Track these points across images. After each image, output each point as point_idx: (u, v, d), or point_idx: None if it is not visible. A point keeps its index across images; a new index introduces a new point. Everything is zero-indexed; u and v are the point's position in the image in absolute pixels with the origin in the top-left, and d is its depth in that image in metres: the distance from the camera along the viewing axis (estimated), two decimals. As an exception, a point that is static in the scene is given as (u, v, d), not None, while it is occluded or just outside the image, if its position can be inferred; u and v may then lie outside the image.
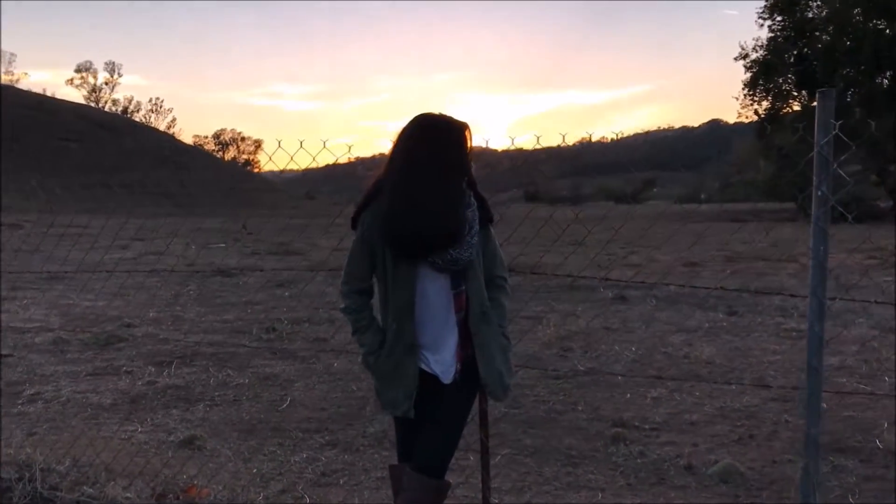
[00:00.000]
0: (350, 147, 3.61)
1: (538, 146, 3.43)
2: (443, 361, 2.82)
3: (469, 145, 2.73)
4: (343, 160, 3.95)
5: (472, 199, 2.79)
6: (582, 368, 7.05)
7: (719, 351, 7.69)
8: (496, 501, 4.17)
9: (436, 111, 2.76)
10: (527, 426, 5.49)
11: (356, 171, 3.82)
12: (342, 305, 2.90)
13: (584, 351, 7.76)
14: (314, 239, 20.24)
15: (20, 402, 5.97)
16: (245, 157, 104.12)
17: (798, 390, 4.64)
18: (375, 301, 2.91)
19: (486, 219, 2.83)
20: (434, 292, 2.77)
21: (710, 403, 5.90)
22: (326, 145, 3.33)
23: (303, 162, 3.55)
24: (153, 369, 7.06)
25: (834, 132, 2.42)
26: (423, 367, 2.83)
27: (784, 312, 9.70)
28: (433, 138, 2.70)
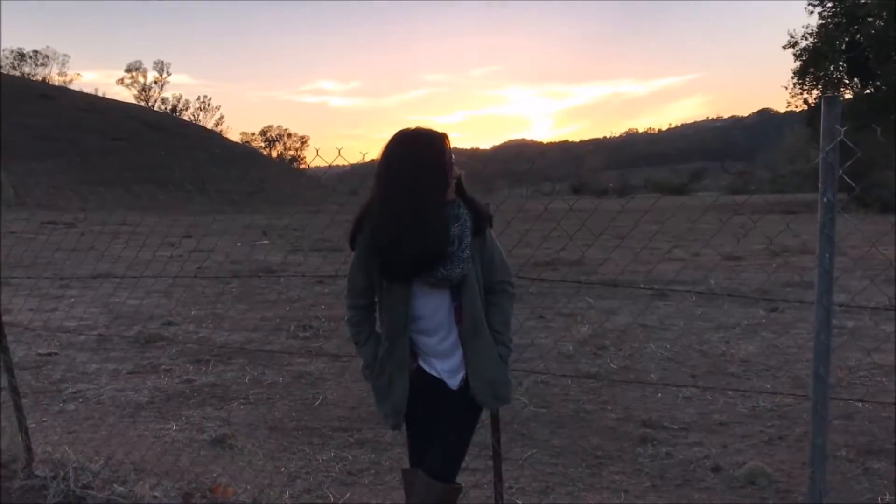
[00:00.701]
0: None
1: (584, 138, 3.37)
2: (450, 368, 2.85)
3: (447, 157, 2.69)
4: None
5: (462, 209, 2.76)
6: (614, 367, 7.03)
7: (757, 349, 7.59)
8: (519, 502, 4.20)
9: (413, 126, 2.74)
10: (555, 426, 5.49)
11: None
12: (346, 317, 2.96)
13: (618, 349, 7.72)
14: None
15: (62, 400, 6.17)
16: (291, 153, 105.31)
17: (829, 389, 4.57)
18: None
19: (480, 228, 2.81)
20: (434, 307, 2.80)
21: (742, 403, 5.83)
22: (369, 141, 3.33)
23: (349, 158, 3.57)
24: (191, 367, 7.23)
25: (839, 138, 2.40)
26: (433, 372, 2.87)
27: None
28: (406, 157, 2.66)
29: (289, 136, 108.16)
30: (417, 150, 2.67)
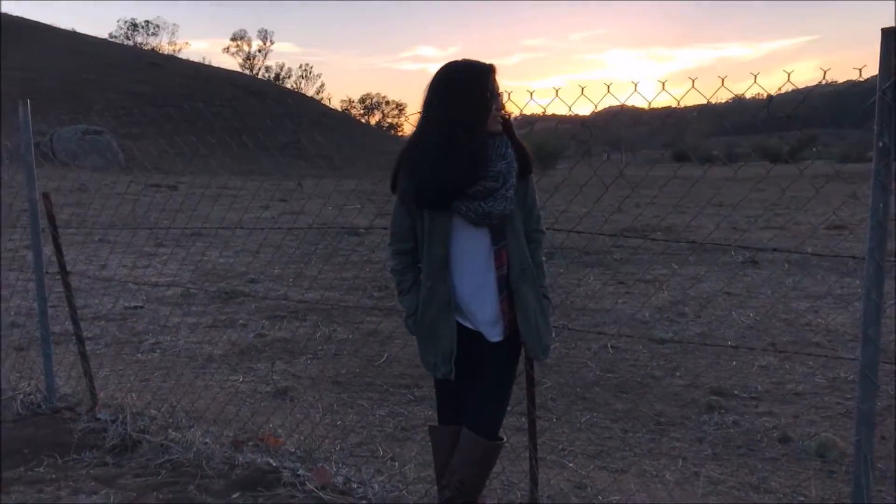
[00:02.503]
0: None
1: (688, 104, 3.22)
2: (486, 320, 2.75)
3: (487, 88, 2.60)
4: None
5: (508, 149, 2.67)
6: (690, 334, 6.79)
7: (847, 319, 7.17)
8: (571, 465, 4.10)
9: (461, 58, 2.69)
10: (619, 390, 5.35)
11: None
12: (390, 266, 2.91)
13: (697, 316, 7.45)
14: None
15: (141, 350, 6.41)
16: (389, 120, 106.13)
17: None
18: None
19: (526, 170, 2.71)
20: (473, 249, 2.70)
21: (822, 374, 5.53)
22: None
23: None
24: (267, 323, 7.39)
25: (898, 75, 2.18)
26: (468, 325, 2.78)
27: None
28: (441, 86, 2.63)
29: (386, 103, 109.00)
30: (453, 79, 2.63)
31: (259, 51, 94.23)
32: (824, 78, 3.12)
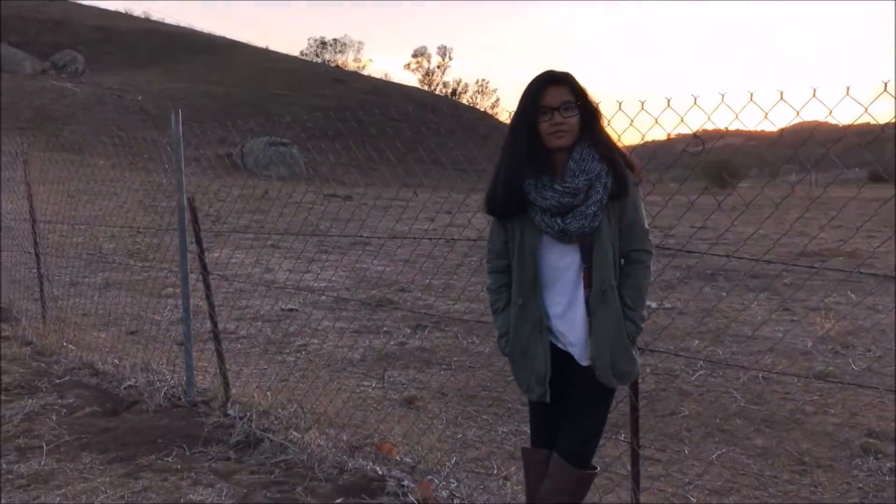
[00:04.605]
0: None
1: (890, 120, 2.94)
2: (576, 342, 2.63)
3: (539, 102, 2.56)
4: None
5: (596, 163, 2.55)
6: (854, 368, 6.20)
7: None
8: (694, 500, 3.85)
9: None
10: (763, 425, 4.97)
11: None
12: (486, 284, 2.85)
13: (867, 349, 6.81)
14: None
15: (287, 351, 6.68)
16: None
17: None
18: None
19: (620, 191, 2.57)
20: (563, 267, 2.62)
21: None
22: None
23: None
24: (409, 331, 7.50)
25: None
26: (560, 346, 2.67)
27: None
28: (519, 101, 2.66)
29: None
30: (524, 92, 2.65)
31: (438, 67, 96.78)
32: None
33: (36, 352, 6.27)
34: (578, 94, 2.57)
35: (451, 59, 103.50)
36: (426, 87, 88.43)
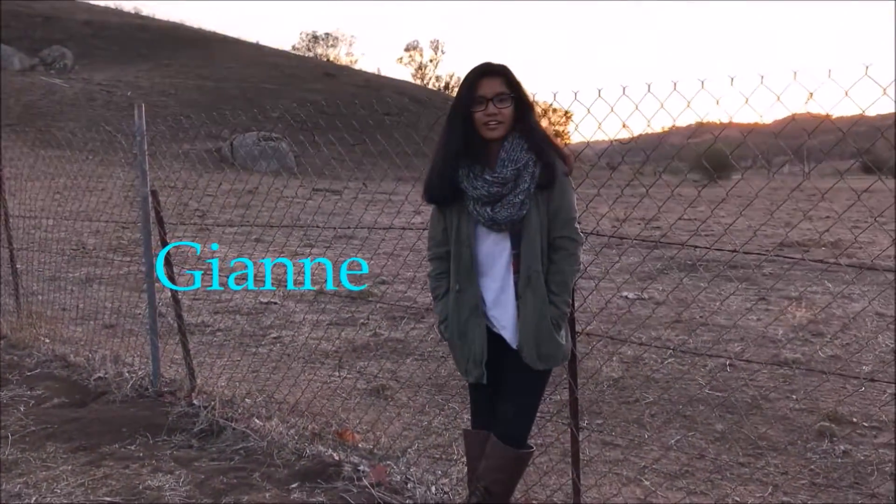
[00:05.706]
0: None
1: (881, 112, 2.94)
2: (508, 325, 2.71)
3: (473, 93, 2.62)
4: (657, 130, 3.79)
5: (525, 153, 2.63)
6: (821, 356, 6.28)
7: None
8: (647, 482, 3.91)
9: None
10: (724, 410, 5.05)
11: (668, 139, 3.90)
12: (428, 271, 2.93)
13: (834, 338, 6.89)
14: (601, 210, 20.05)
15: (262, 343, 6.73)
16: (556, 128, 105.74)
17: None
18: None
19: (546, 181, 2.63)
20: (496, 254, 2.72)
21: (965, 408, 4.96)
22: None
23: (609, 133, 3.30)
24: (385, 323, 7.56)
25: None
26: (495, 329, 2.75)
27: None
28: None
29: (554, 111, 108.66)
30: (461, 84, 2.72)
31: (430, 61, 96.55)
32: None
33: (9, 345, 6.31)
34: (513, 86, 2.64)
35: (443, 52, 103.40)
36: (419, 82, 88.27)
